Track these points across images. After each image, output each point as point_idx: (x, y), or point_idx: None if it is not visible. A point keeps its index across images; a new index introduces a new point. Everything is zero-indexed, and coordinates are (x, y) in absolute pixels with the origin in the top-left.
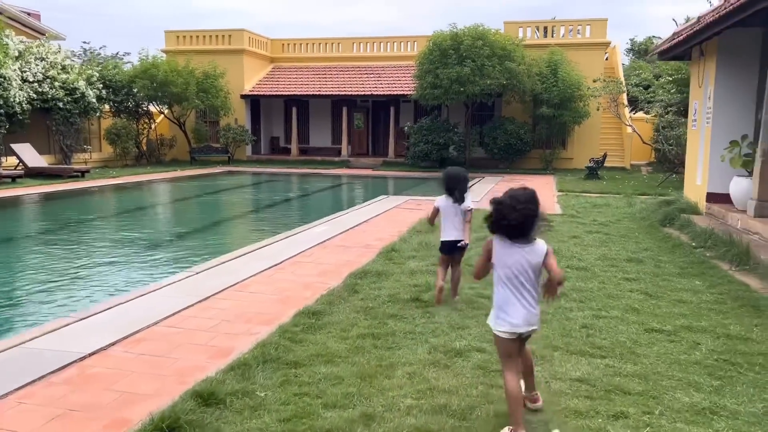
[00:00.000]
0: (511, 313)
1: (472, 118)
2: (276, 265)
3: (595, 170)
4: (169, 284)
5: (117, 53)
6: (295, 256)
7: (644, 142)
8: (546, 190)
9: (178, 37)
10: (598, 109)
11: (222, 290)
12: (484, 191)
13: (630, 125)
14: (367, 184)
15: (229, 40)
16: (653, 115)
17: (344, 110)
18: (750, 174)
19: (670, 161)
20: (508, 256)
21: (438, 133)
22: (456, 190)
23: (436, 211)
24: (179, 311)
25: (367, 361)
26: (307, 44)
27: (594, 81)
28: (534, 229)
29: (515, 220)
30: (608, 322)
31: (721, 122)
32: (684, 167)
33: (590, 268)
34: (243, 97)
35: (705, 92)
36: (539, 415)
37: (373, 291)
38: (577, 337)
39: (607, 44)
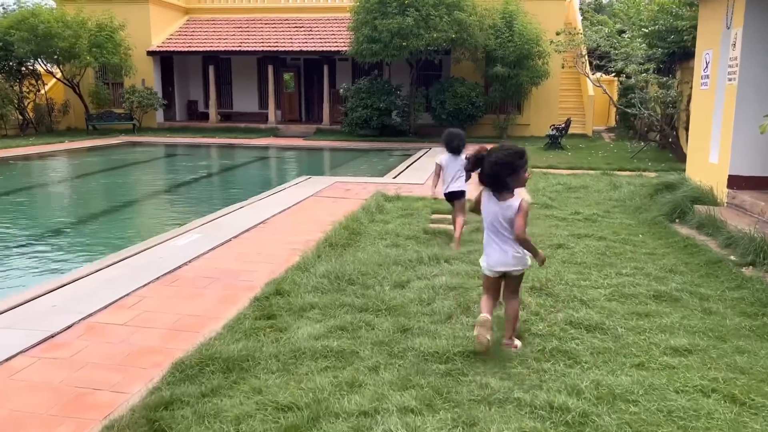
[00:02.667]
0: (488, 254)
1: (417, 78)
2: (45, 340)
3: (557, 139)
4: None
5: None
6: (97, 311)
7: (617, 106)
8: None
9: None
10: (563, 67)
11: None
12: (429, 168)
13: (600, 85)
14: (292, 158)
15: None
16: (614, 75)
17: (270, 69)
18: None
19: (640, 128)
20: (488, 206)
21: (378, 96)
22: (455, 144)
23: (440, 168)
24: None
25: None
26: None
27: (557, 34)
28: (506, 185)
29: (488, 174)
30: None
31: (753, 77)
32: (663, 135)
33: (606, 325)
34: (150, 53)
35: (727, 37)
36: None
37: None
38: None
39: None
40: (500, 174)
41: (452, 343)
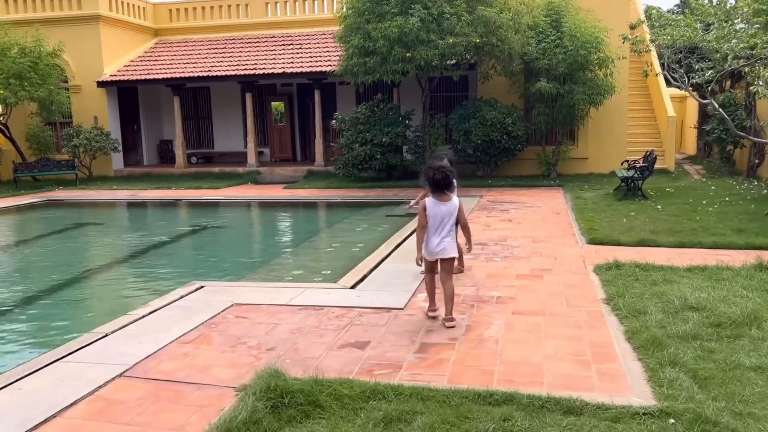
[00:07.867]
0: (429, 244)
1: (431, 102)
2: None
3: (635, 182)
4: None
5: None
6: None
7: (736, 134)
8: (561, 241)
9: (7, 2)
10: (645, 75)
11: None
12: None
13: (711, 102)
14: (240, 225)
15: (78, 2)
16: (691, 88)
17: (249, 98)
18: None
19: (750, 160)
20: (436, 210)
21: (380, 127)
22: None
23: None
24: None
25: None
26: (203, 8)
27: (631, 27)
28: (449, 188)
29: (439, 179)
30: None
31: None
32: None
33: None
34: (102, 84)
35: None
36: None
37: None
38: None
39: None
40: (450, 178)
41: None
